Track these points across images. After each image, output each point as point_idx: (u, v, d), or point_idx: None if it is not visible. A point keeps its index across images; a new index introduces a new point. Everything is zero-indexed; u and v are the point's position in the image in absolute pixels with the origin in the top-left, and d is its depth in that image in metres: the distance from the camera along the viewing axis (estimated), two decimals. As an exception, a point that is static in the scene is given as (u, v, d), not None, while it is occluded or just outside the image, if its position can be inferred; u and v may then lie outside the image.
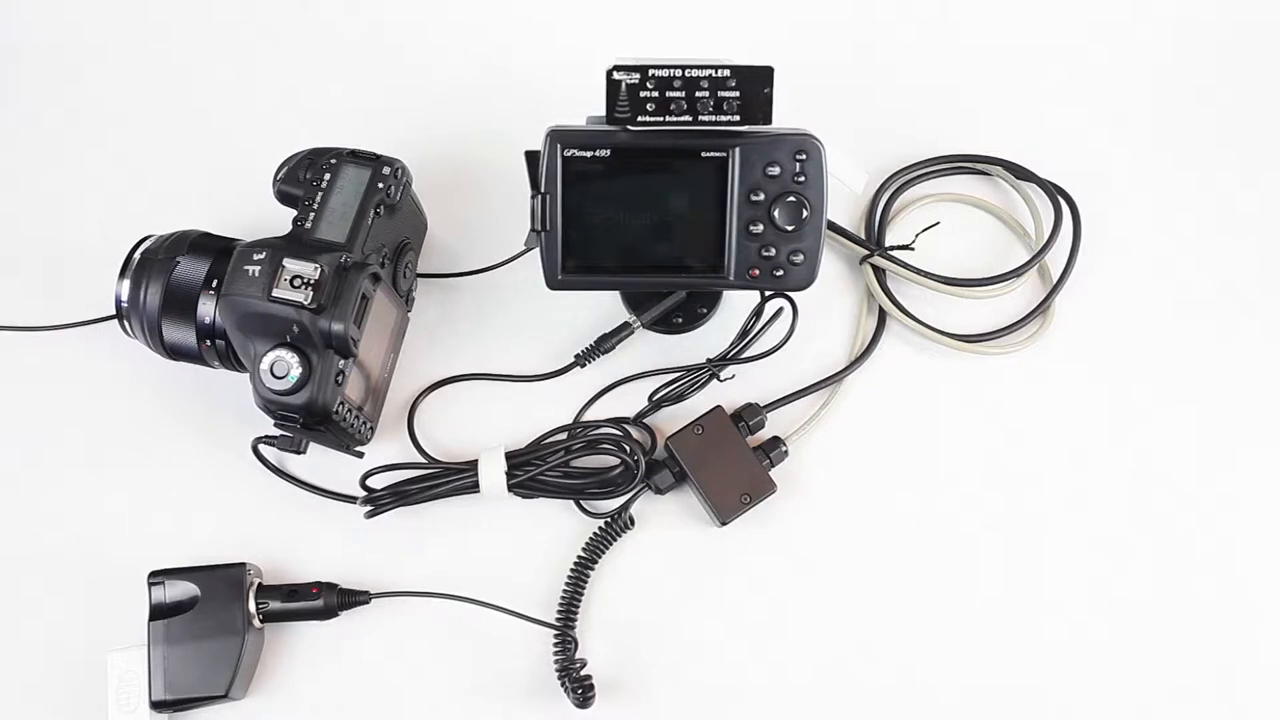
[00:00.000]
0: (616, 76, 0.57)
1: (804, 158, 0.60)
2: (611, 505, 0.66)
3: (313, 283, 0.58)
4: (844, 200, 0.76)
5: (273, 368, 0.58)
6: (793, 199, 0.61)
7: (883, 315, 0.73)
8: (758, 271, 0.63)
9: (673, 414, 0.69)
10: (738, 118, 0.58)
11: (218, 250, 0.63)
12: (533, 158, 0.60)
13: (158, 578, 0.61)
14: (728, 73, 0.57)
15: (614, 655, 0.64)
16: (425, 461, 0.67)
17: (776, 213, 0.61)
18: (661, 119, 0.58)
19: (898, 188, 0.77)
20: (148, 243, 0.65)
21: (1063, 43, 0.84)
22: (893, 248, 0.73)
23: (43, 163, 0.77)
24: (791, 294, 0.66)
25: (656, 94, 0.58)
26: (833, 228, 0.73)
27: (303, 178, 0.63)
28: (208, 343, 0.63)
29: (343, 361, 0.60)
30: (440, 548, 0.66)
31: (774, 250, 0.62)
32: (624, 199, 0.61)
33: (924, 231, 0.75)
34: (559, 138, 0.59)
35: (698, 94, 0.58)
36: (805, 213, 0.61)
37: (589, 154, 0.60)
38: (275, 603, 0.62)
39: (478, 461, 0.65)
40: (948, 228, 0.76)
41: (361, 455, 0.65)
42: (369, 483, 0.65)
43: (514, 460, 0.65)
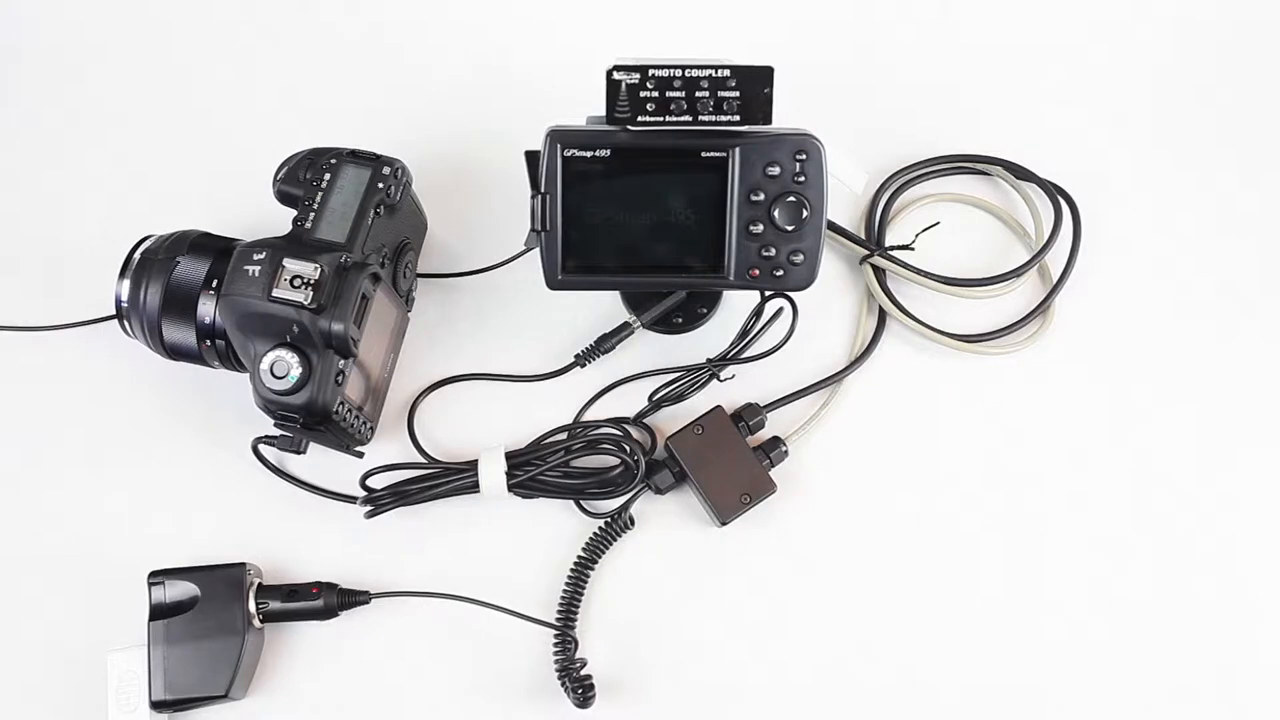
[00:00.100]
0: (616, 76, 0.57)
1: (804, 158, 0.60)
2: (611, 505, 0.66)
3: (313, 283, 0.58)
4: (844, 200, 0.76)
5: (273, 368, 0.58)
6: (793, 199, 0.61)
7: (883, 315, 0.73)
8: (758, 271, 0.63)
9: (673, 414, 0.69)
10: (738, 118, 0.58)
11: (218, 250, 0.63)
12: (533, 158, 0.60)
13: (158, 578, 0.61)
14: (728, 73, 0.57)
15: (614, 655, 0.64)
16: (425, 461, 0.67)
17: (776, 213, 0.61)
18: (661, 119, 0.58)
19: (898, 188, 0.77)
20: (148, 243, 0.65)
21: (1063, 43, 0.84)
22: (893, 248, 0.73)
23: (43, 163, 0.77)
24: (791, 294, 0.66)
25: (656, 94, 0.58)
26: (833, 228, 0.73)
27: (303, 178, 0.63)
28: (208, 343, 0.63)
29: (343, 361, 0.60)
30: (440, 548, 0.66)
31: (774, 250, 0.62)
32: (624, 199, 0.61)
33: (924, 231, 0.75)
34: (559, 138, 0.59)
35: (698, 94, 0.58)
36: (805, 213, 0.61)
37: (589, 154, 0.60)
38: (275, 603, 0.62)
39: (478, 461, 0.65)
40: (948, 228, 0.76)
41: (361, 455, 0.65)
42: (369, 483, 0.65)
43: (514, 460, 0.65)
